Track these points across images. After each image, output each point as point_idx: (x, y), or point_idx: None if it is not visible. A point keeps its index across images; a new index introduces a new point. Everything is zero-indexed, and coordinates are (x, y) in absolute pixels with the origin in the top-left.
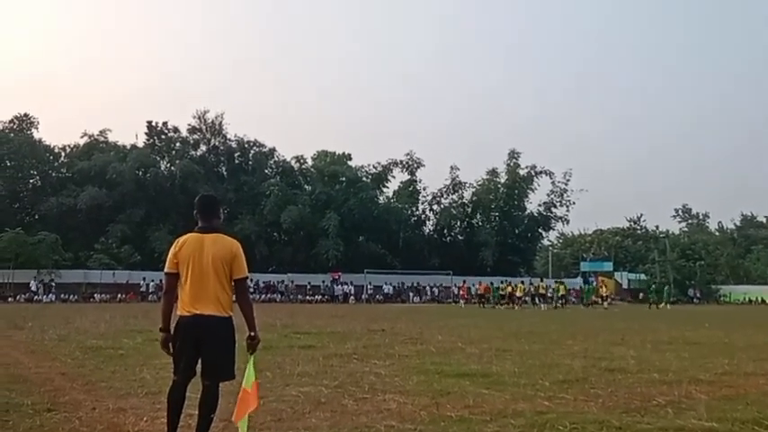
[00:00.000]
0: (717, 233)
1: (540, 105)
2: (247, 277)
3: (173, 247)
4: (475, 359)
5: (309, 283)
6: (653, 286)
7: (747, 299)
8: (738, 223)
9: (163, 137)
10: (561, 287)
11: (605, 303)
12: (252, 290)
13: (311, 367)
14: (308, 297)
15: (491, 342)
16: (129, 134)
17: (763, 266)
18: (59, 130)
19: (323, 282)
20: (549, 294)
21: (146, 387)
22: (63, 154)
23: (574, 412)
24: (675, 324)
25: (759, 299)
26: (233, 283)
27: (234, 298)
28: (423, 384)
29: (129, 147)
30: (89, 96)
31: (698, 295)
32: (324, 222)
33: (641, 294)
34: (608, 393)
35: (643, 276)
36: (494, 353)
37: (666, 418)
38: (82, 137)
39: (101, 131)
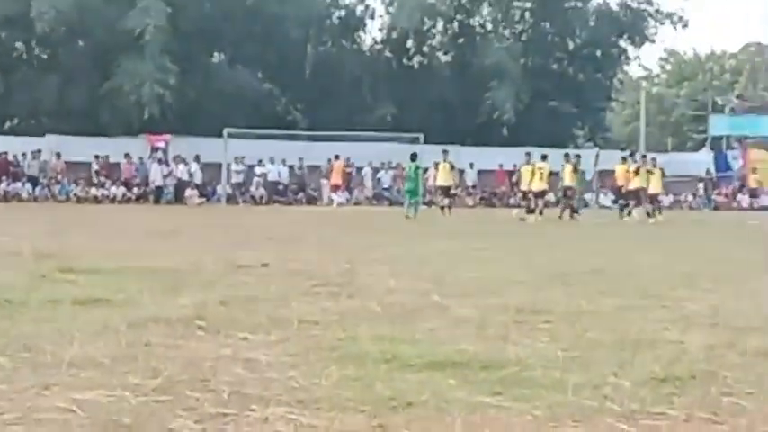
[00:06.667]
0: None
1: None
2: None
3: None
4: (470, 330)
5: (96, 157)
6: None
7: None
8: None
9: None
10: (571, 175)
11: None
12: None
13: (102, 347)
14: (92, 190)
15: (505, 292)
16: None
17: None
18: None
19: (126, 156)
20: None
21: None
22: None
23: None
24: None
25: None
26: None
27: None
28: (351, 386)
29: None
30: None
31: None
32: (131, 22)
33: None
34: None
35: None
36: (512, 316)
37: None
38: None
39: None
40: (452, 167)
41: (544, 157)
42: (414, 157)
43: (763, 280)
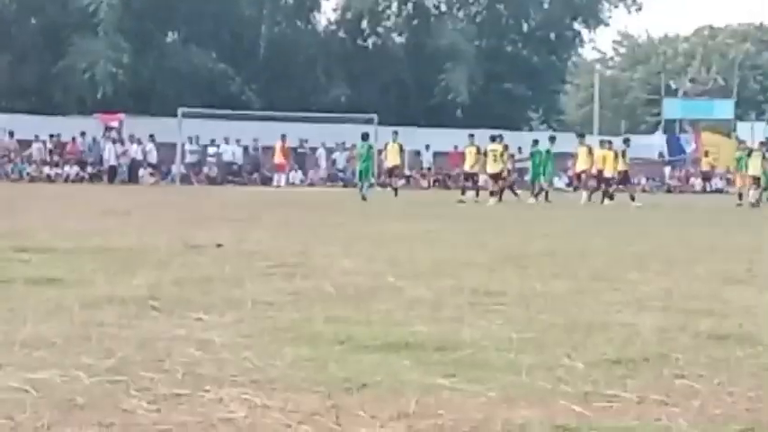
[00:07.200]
0: None
1: None
2: None
3: None
4: (424, 311)
5: (51, 137)
6: None
7: None
8: None
9: None
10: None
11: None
12: None
13: (55, 327)
14: (46, 169)
15: (459, 274)
16: None
17: None
18: None
19: (82, 135)
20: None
21: None
22: None
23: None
24: None
25: None
26: None
27: None
28: (305, 367)
29: None
30: None
31: None
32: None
33: None
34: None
35: None
36: (466, 297)
37: None
38: None
39: None
40: (401, 149)
41: (493, 138)
42: (365, 136)
43: (714, 262)
